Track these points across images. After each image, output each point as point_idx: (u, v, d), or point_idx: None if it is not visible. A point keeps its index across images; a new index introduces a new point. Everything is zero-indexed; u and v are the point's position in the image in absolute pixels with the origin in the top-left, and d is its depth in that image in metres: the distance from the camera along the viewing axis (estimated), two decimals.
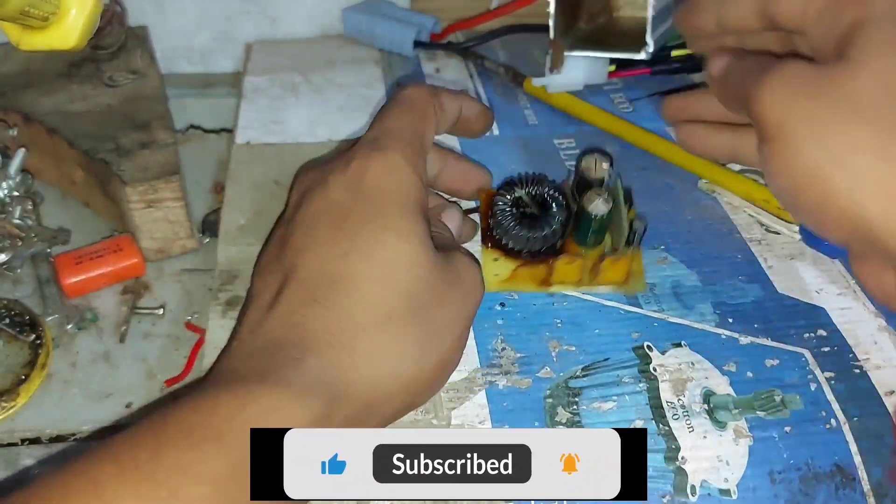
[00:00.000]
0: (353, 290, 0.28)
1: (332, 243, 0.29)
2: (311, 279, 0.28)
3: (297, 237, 0.30)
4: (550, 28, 0.50)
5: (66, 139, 0.45)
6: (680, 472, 0.29)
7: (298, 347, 0.26)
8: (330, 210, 0.30)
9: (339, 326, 0.27)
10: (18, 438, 0.34)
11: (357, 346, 0.27)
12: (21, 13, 0.34)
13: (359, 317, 0.27)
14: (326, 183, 0.31)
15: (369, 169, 0.30)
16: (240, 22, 0.61)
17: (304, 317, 0.27)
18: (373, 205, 0.29)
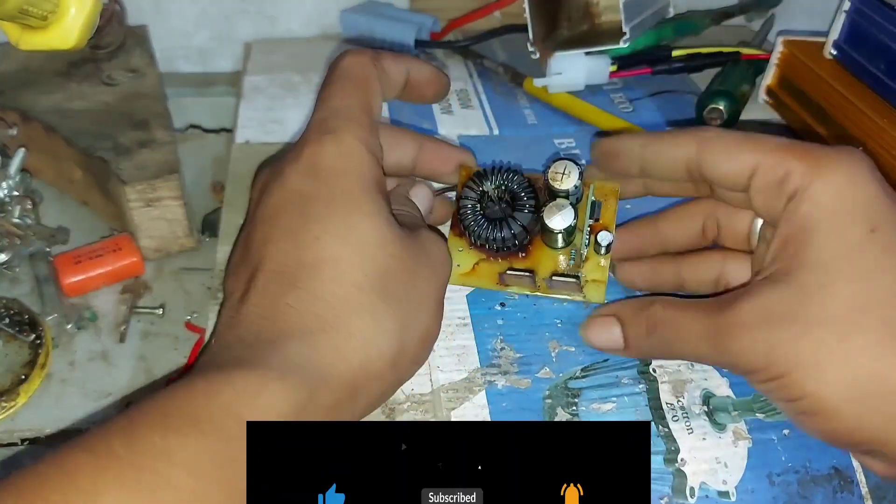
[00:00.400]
0: (331, 272, 0.27)
1: (301, 230, 0.28)
2: (285, 267, 0.28)
3: (260, 231, 0.29)
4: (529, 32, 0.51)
5: (64, 138, 0.45)
6: (679, 474, 0.29)
7: (278, 334, 0.26)
8: (291, 199, 0.29)
9: (321, 308, 0.27)
10: (18, 438, 0.34)
11: (341, 327, 0.27)
12: (20, 12, 0.34)
13: (341, 298, 0.27)
14: (283, 174, 0.30)
15: (323, 153, 0.30)
16: (239, 21, 0.61)
17: (283, 304, 0.27)
18: (334, 188, 0.29)
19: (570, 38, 0.54)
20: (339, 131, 0.30)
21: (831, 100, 0.45)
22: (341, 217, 0.28)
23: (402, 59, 0.35)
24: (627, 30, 0.49)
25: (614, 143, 0.33)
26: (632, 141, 0.33)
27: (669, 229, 0.35)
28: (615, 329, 0.32)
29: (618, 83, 0.54)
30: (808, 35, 0.50)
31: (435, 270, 0.31)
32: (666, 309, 0.30)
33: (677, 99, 0.53)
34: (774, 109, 0.51)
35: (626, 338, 0.32)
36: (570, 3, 0.55)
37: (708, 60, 0.53)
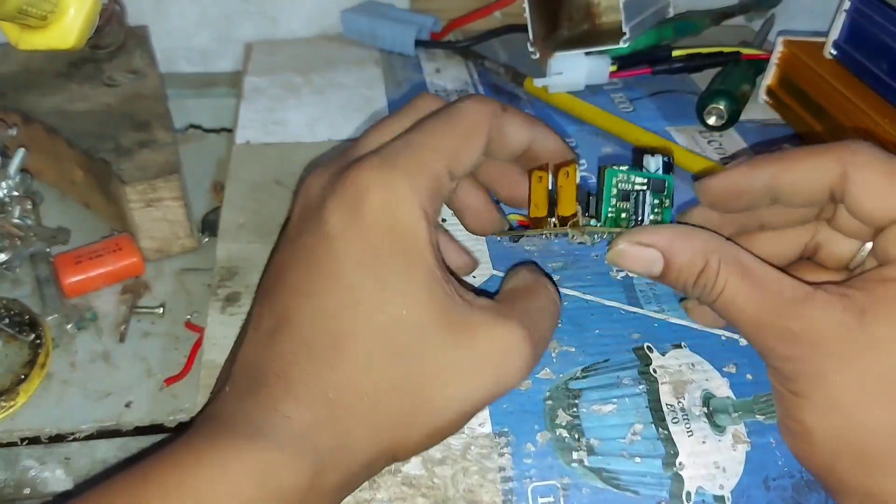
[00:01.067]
0: (352, 352, 0.25)
1: (328, 292, 0.26)
2: (308, 329, 0.26)
3: (291, 274, 0.27)
4: (529, 32, 0.51)
5: (65, 139, 0.45)
6: (677, 479, 0.29)
7: (294, 402, 0.25)
8: (325, 246, 0.26)
9: (335, 387, 0.25)
10: (18, 438, 0.34)
11: (358, 408, 0.25)
12: (19, 12, 0.34)
13: (357, 381, 0.25)
14: (324, 210, 0.26)
15: (368, 195, 0.26)
16: (240, 22, 0.61)
17: (300, 368, 0.25)
18: (370, 248, 0.26)
19: (571, 38, 0.54)
20: (392, 174, 0.26)
21: (831, 99, 0.45)
22: (372, 290, 0.25)
23: (530, 125, 0.31)
24: (627, 30, 0.49)
25: (734, 179, 0.29)
26: (759, 172, 0.29)
27: (766, 247, 0.32)
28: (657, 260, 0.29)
29: (618, 83, 0.54)
30: (808, 35, 0.50)
31: (482, 376, 0.26)
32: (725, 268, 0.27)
33: (677, 99, 0.53)
34: (774, 109, 0.51)
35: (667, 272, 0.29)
36: (571, 3, 0.55)
37: (708, 60, 0.53)
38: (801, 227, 0.32)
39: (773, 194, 0.29)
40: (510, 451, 0.29)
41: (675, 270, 0.29)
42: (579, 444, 0.30)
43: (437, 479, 0.28)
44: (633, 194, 0.31)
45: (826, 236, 0.31)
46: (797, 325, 0.26)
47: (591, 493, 0.28)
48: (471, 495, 0.28)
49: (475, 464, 0.29)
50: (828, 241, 0.31)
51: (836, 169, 0.27)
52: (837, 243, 0.31)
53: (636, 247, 0.29)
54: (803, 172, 0.28)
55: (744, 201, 0.30)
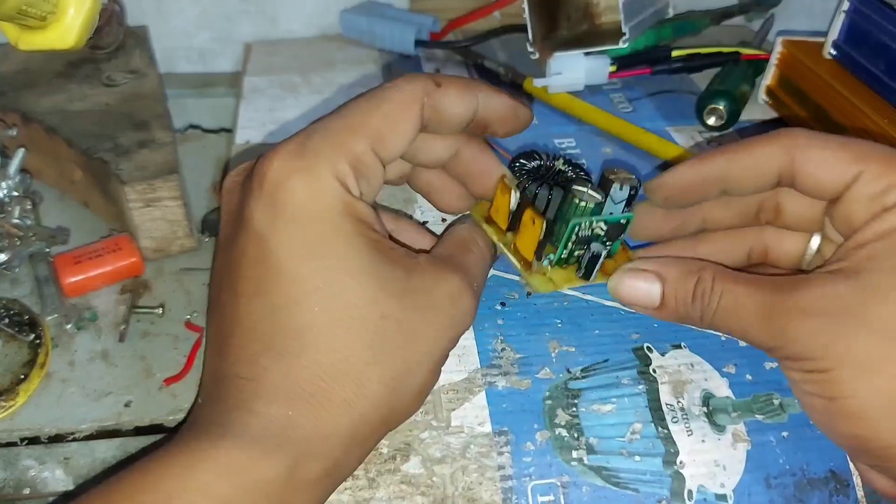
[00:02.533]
0: (315, 340, 0.25)
1: (274, 289, 0.26)
2: (262, 328, 0.26)
3: (233, 278, 0.27)
4: (528, 33, 0.51)
5: (64, 139, 0.45)
6: (677, 477, 0.29)
7: (264, 401, 0.25)
8: (258, 246, 0.26)
9: (307, 377, 0.25)
10: (17, 438, 0.34)
11: (330, 397, 0.25)
12: (19, 12, 0.34)
13: (324, 367, 0.25)
14: (246, 212, 0.26)
15: (286, 189, 0.25)
16: (239, 22, 0.61)
17: (263, 368, 0.25)
18: (303, 237, 0.26)
19: (570, 38, 0.54)
20: (311, 164, 0.26)
21: (831, 99, 0.45)
22: (323, 277, 0.25)
23: (469, 92, 0.29)
24: (627, 30, 0.49)
25: (689, 173, 0.30)
26: (712, 163, 0.30)
27: (711, 253, 0.33)
28: (654, 286, 0.30)
29: (617, 83, 0.54)
30: (807, 35, 0.50)
31: (441, 326, 0.28)
32: (719, 278, 0.29)
33: (677, 99, 0.53)
34: (774, 109, 0.51)
35: (666, 298, 0.30)
36: (570, 4, 0.55)
37: (708, 60, 0.53)
38: (744, 231, 0.33)
39: (723, 185, 0.30)
40: (509, 450, 0.29)
41: (671, 289, 0.30)
42: (579, 443, 0.30)
43: (437, 478, 0.28)
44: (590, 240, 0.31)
45: (772, 237, 0.33)
46: (805, 304, 0.26)
47: (591, 492, 0.28)
48: (470, 493, 0.28)
49: (474, 462, 0.29)
50: (775, 241, 0.33)
51: (782, 153, 0.29)
52: (785, 241, 0.32)
53: (632, 273, 0.31)
54: (752, 160, 0.29)
55: (695, 195, 0.31)
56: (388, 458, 0.29)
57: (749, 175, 0.29)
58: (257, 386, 0.25)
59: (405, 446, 0.29)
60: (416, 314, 0.27)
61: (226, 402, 0.25)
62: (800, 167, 0.28)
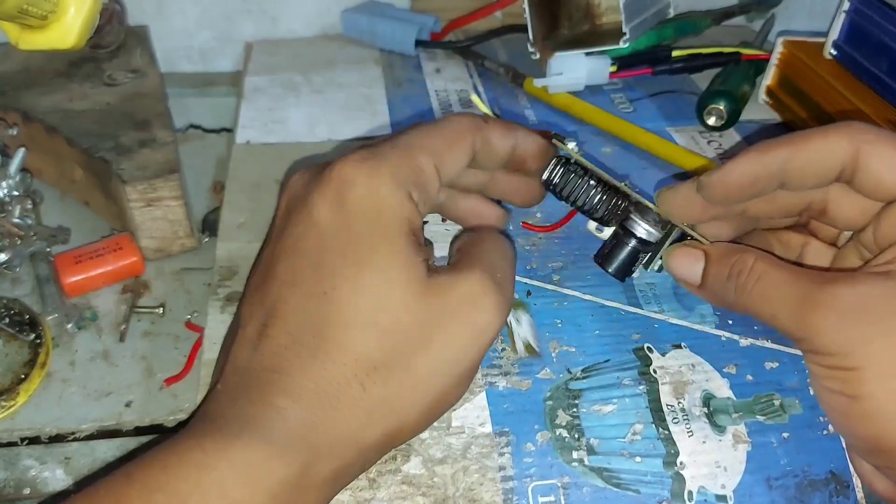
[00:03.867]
0: (334, 338, 0.26)
1: (313, 280, 0.26)
2: (294, 320, 0.26)
3: (279, 266, 0.28)
4: (529, 33, 0.51)
5: (65, 138, 0.45)
6: (678, 478, 0.29)
7: (283, 396, 0.25)
8: (311, 235, 0.27)
9: (322, 376, 0.25)
10: (18, 437, 0.34)
11: (342, 398, 0.25)
12: (20, 12, 0.34)
13: (341, 367, 0.25)
14: (310, 201, 0.28)
15: (353, 185, 0.27)
16: (240, 21, 0.61)
17: (288, 361, 0.26)
18: (353, 233, 0.27)
19: (571, 38, 0.54)
20: (378, 163, 0.27)
21: (831, 100, 0.45)
22: (352, 273, 0.26)
23: (510, 132, 0.32)
24: (627, 30, 0.49)
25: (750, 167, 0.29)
26: (774, 155, 0.29)
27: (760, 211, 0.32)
28: (698, 264, 0.31)
29: (618, 83, 0.54)
30: (808, 35, 0.50)
31: (461, 335, 0.27)
32: (759, 260, 0.29)
33: (678, 99, 0.53)
34: (774, 109, 0.51)
35: (707, 275, 0.30)
36: (571, 3, 0.55)
37: (708, 61, 0.53)
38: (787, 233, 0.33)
39: (783, 178, 0.29)
40: (510, 451, 0.29)
41: (713, 267, 0.30)
42: (579, 444, 0.30)
43: (438, 479, 0.28)
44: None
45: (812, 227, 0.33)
46: (839, 299, 0.26)
47: (592, 492, 0.28)
48: (471, 494, 0.28)
49: (475, 463, 0.29)
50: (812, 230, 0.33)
51: (847, 146, 0.27)
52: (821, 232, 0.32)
53: (682, 250, 0.32)
54: (816, 153, 0.28)
55: (754, 190, 0.30)
56: (388, 459, 0.29)
57: (812, 168, 0.28)
58: (279, 381, 0.25)
59: (406, 447, 0.29)
60: (434, 319, 0.27)
61: (246, 396, 0.25)
62: (864, 163, 0.27)
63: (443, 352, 0.27)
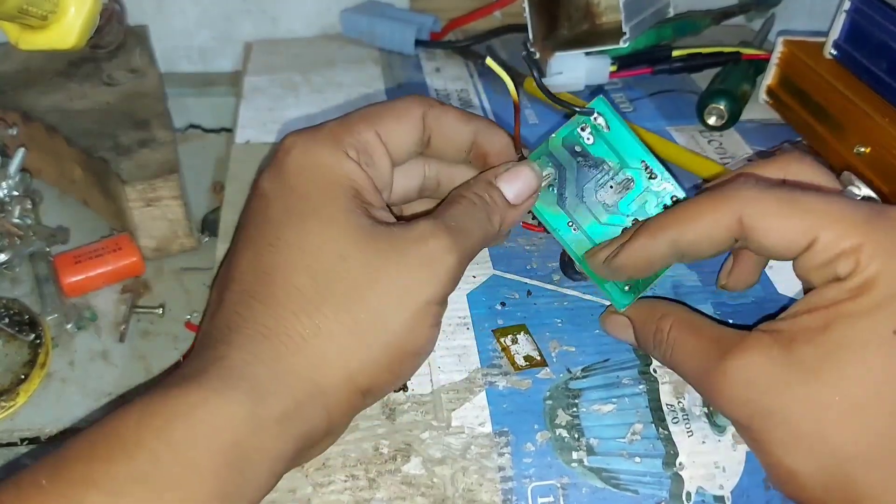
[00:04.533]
0: (280, 280, 0.27)
1: (260, 237, 0.28)
2: (245, 278, 0.27)
3: (237, 242, 0.29)
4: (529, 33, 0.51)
5: (65, 138, 0.45)
6: (676, 479, 0.29)
7: (225, 345, 0.26)
8: (259, 204, 0.29)
9: (272, 317, 0.26)
10: (18, 437, 0.34)
11: (282, 333, 0.26)
12: (20, 12, 0.34)
13: (289, 306, 0.26)
14: (258, 177, 0.30)
15: (290, 152, 0.29)
16: (240, 21, 0.61)
17: (239, 315, 0.26)
18: (295, 193, 0.28)
19: (571, 38, 0.54)
20: (316, 134, 0.29)
21: (831, 100, 0.45)
22: (296, 223, 0.28)
23: (469, 119, 0.32)
24: (627, 29, 0.49)
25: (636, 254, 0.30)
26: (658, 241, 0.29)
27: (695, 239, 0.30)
28: (628, 330, 0.32)
29: (617, 83, 0.54)
30: (808, 35, 0.50)
31: (415, 276, 0.27)
32: (674, 327, 0.30)
33: (677, 99, 0.53)
34: (775, 109, 0.51)
35: (638, 340, 0.32)
36: (571, 3, 0.55)
37: (708, 60, 0.53)
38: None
39: (678, 255, 0.30)
40: (510, 451, 0.29)
41: (639, 333, 0.32)
42: (579, 444, 0.30)
43: (437, 479, 0.28)
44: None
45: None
46: (733, 373, 0.27)
47: (591, 493, 0.28)
48: (470, 494, 0.28)
49: (474, 463, 0.29)
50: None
51: (731, 220, 0.28)
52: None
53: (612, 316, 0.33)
54: (703, 231, 0.28)
55: (654, 268, 0.31)
56: (388, 459, 0.29)
57: (702, 245, 0.29)
58: (229, 334, 0.26)
59: (406, 447, 0.29)
60: (387, 267, 0.27)
61: (199, 355, 0.26)
62: (750, 235, 0.27)
63: (391, 287, 0.27)
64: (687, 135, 0.49)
